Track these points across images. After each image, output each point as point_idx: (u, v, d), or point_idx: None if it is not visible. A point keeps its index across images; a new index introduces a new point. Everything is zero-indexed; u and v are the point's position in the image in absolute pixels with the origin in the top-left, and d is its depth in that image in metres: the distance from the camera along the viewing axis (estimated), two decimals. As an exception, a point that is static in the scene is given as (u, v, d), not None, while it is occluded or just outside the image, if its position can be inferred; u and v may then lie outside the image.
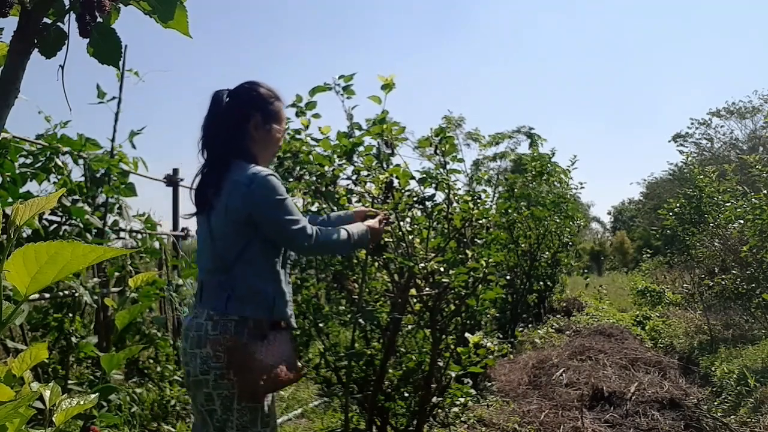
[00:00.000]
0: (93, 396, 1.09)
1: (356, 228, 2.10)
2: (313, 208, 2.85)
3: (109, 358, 1.17)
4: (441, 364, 2.88)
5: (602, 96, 64.94)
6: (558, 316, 9.15)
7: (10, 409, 0.63)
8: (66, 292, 3.37)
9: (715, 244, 7.16)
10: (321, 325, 2.97)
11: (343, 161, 2.83)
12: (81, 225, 3.46)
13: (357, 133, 2.88)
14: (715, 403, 4.51)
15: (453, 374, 2.86)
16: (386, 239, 2.74)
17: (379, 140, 2.81)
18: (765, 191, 5.99)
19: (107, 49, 1.06)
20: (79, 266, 0.70)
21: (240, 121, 1.94)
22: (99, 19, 1.01)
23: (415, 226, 2.92)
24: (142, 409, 3.51)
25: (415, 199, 2.88)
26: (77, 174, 3.63)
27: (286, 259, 2.03)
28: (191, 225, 5.12)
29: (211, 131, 1.97)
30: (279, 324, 1.94)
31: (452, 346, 2.92)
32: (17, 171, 3.14)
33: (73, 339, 3.28)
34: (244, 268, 1.90)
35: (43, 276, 0.68)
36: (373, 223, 2.20)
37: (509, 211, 6.01)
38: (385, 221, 2.29)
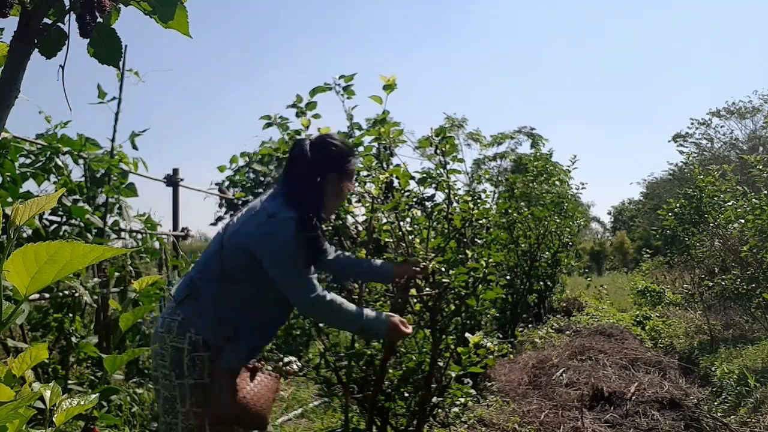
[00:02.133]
0: (93, 396, 1.09)
1: (375, 318, 1.99)
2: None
3: (112, 360, 1.16)
4: (441, 364, 2.88)
5: (602, 96, 64.91)
6: (558, 316, 9.15)
7: (11, 410, 0.63)
8: (66, 292, 3.37)
9: (715, 244, 7.15)
10: (321, 325, 2.97)
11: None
12: (81, 225, 3.46)
13: (357, 133, 2.88)
14: (715, 403, 4.51)
15: (453, 374, 2.85)
16: (386, 239, 2.74)
17: (379, 143, 2.81)
18: (765, 191, 5.99)
19: (107, 49, 1.06)
20: (79, 266, 0.70)
21: (318, 175, 1.95)
22: (99, 20, 1.01)
23: (415, 226, 2.93)
24: (142, 409, 3.51)
25: (415, 199, 2.88)
26: (77, 174, 3.64)
27: (279, 316, 2.01)
28: (191, 225, 5.13)
29: (290, 176, 1.99)
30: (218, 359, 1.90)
31: (452, 346, 2.91)
32: (17, 171, 3.14)
33: (73, 339, 3.28)
34: (218, 286, 1.88)
35: (43, 276, 0.68)
36: (397, 321, 2.03)
37: (509, 211, 6.02)
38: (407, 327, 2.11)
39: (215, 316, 1.87)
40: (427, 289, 2.83)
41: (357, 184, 2.34)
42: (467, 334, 2.88)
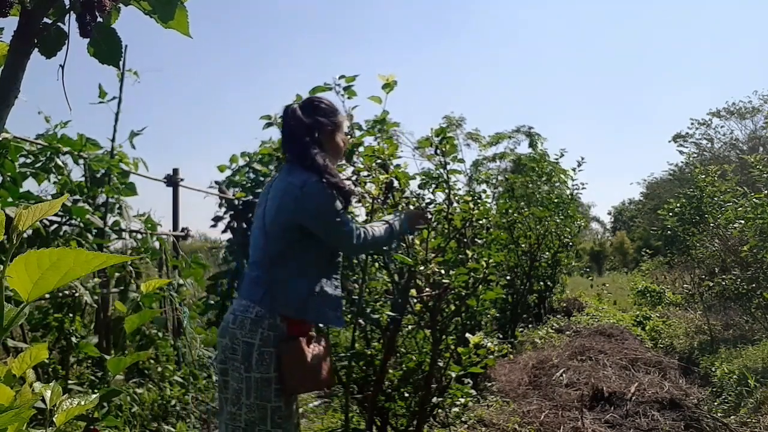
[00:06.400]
0: (94, 396, 1.09)
1: (393, 218, 2.29)
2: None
3: (117, 362, 1.16)
4: (441, 364, 2.88)
5: (602, 96, 64.80)
6: (558, 316, 9.15)
7: (12, 416, 0.62)
8: (66, 292, 3.37)
9: (716, 244, 7.15)
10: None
11: (343, 161, 2.83)
12: (81, 225, 3.45)
13: (357, 133, 2.87)
14: (715, 404, 4.51)
15: (453, 374, 2.85)
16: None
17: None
18: (766, 191, 5.98)
19: (107, 49, 1.06)
20: (82, 273, 0.69)
21: (311, 131, 2.09)
22: (99, 19, 1.01)
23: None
24: (142, 409, 3.50)
25: (415, 199, 2.87)
26: (77, 174, 3.63)
27: (336, 263, 2.15)
28: (191, 225, 5.12)
29: (295, 144, 2.11)
30: (307, 326, 2.08)
31: (452, 347, 2.91)
32: (17, 171, 3.13)
33: (73, 339, 3.28)
34: (284, 267, 2.02)
35: (45, 282, 0.68)
36: (412, 214, 2.37)
37: (509, 211, 6.02)
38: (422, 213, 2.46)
39: (287, 297, 2.00)
40: (427, 289, 2.83)
41: (350, 137, 2.58)
42: (467, 335, 2.88)
